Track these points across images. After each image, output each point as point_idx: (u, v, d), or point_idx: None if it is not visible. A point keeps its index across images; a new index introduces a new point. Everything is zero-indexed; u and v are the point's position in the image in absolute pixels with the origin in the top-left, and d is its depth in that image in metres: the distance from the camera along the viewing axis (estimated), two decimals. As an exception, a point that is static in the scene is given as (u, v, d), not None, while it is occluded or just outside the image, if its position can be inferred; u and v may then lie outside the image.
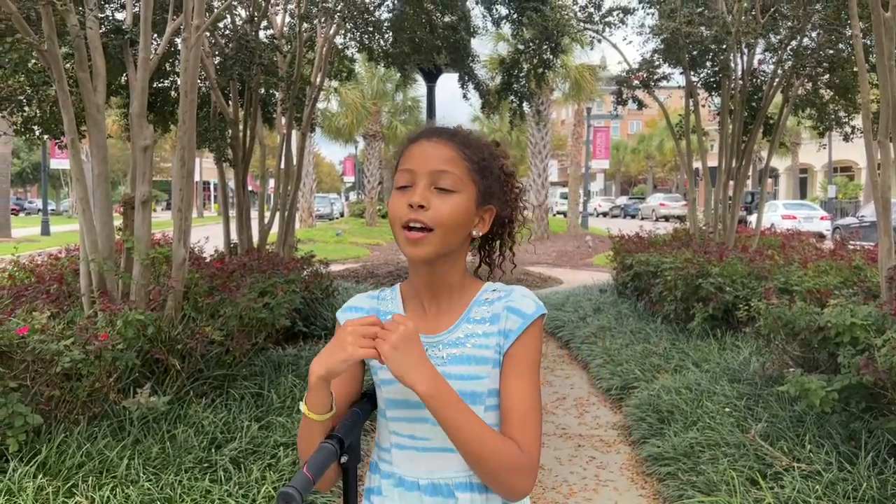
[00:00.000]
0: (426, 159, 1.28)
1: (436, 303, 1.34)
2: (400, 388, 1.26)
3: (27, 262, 5.86)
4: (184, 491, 3.04)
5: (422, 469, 1.32)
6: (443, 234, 1.26)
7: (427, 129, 1.35)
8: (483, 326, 1.31)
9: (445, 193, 1.27)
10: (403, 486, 1.33)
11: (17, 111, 5.31)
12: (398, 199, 1.28)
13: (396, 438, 1.34)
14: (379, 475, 1.37)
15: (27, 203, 50.93)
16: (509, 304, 1.31)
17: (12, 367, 3.22)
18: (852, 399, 3.48)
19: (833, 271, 5.63)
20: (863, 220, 19.68)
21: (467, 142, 1.32)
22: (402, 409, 1.32)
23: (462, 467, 1.29)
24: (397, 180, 1.30)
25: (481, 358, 1.29)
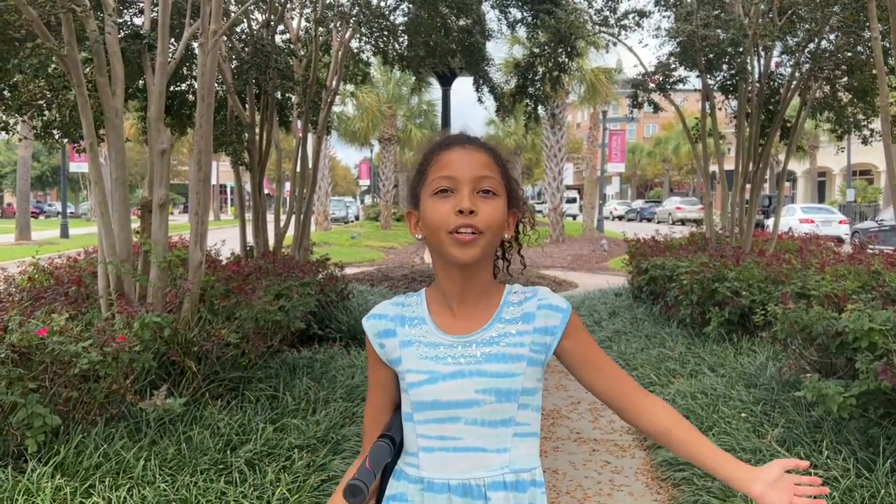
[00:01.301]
0: (468, 165, 1.31)
1: (465, 305, 1.37)
2: (429, 389, 1.33)
3: (46, 265, 5.93)
4: (199, 492, 3.06)
5: (453, 470, 1.33)
6: (490, 236, 1.30)
7: (457, 137, 1.38)
8: (516, 326, 1.35)
9: (489, 197, 1.31)
10: (432, 489, 1.33)
11: (37, 115, 5.39)
12: (441, 206, 1.30)
13: (424, 441, 1.35)
14: (405, 481, 1.37)
15: (47, 206, 51.54)
16: (541, 301, 1.36)
17: (31, 368, 3.26)
18: (870, 405, 3.44)
19: (851, 276, 5.57)
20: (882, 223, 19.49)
21: (495, 148, 1.38)
22: (430, 410, 1.33)
23: (495, 466, 1.32)
24: (434, 185, 1.32)
25: (516, 356, 1.33)
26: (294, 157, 8.14)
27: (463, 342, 1.34)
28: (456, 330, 1.36)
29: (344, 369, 5.09)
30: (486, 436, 1.32)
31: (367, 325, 1.42)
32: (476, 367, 1.32)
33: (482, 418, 1.31)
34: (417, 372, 1.35)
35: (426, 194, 1.33)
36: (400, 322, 1.40)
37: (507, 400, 1.31)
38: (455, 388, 1.31)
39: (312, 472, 3.38)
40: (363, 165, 53.01)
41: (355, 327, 6.64)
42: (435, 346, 1.35)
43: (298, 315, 4.97)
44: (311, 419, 4.04)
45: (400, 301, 1.45)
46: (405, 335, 1.38)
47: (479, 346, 1.33)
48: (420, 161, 1.39)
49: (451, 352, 1.34)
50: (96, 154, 4.54)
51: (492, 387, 1.31)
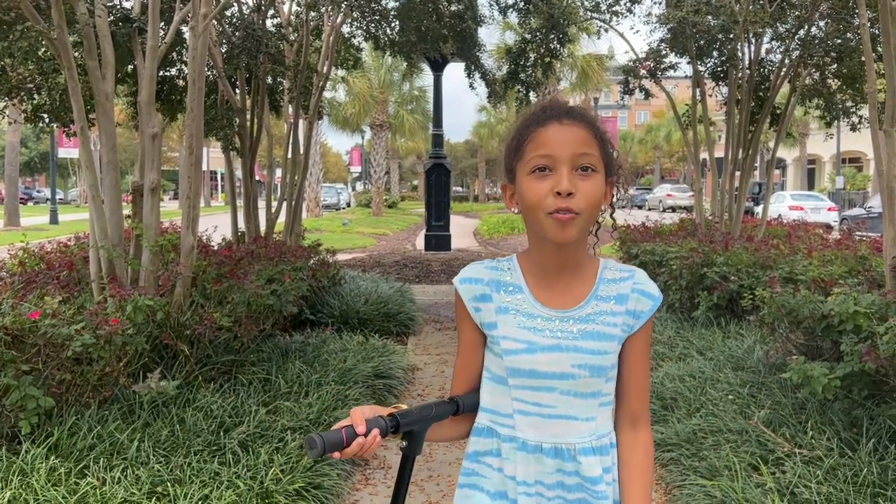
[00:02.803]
0: (566, 143, 1.30)
1: (563, 278, 1.39)
2: (527, 358, 1.37)
3: (37, 250, 5.91)
4: (193, 473, 3.09)
5: (547, 434, 1.39)
6: (588, 215, 1.31)
7: (554, 110, 1.35)
8: (610, 304, 1.38)
9: (588, 175, 1.30)
10: (526, 449, 1.39)
11: (26, 99, 5.36)
12: (539, 185, 1.30)
13: (520, 405, 1.39)
14: (497, 438, 1.42)
15: (35, 192, 51.17)
16: (637, 285, 1.40)
17: (24, 351, 3.28)
18: (855, 386, 3.50)
19: (838, 261, 5.64)
20: (871, 210, 19.62)
21: (592, 118, 1.36)
22: (527, 378, 1.38)
23: (586, 433, 1.39)
24: (532, 163, 1.31)
25: (609, 335, 1.37)
26: (285, 142, 8.13)
27: (561, 317, 1.38)
28: (553, 303, 1.39)
29: (336, 353, 5.12)
30: (577, 406, 1.37)
31: (462, 288, 1.43)
32: (573, 343, 1.36)
33: (575, 390, 1.37)
34: (515, 340, 1.38)
35: (523, 171, 1.33)
36: (495, 287, 1.42)
37: (598, 375, 1.37)
38: (552, 361, 1.36)
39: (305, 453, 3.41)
40: (354, 152, 52.88)
41: (347, 312, 6.67)
42: (533, 316, 1.38)
43: (291, 299, 4.99)
44: (304, 402, 4.08)
45: (493, 265, 1.45)
46: (501, 301, 1.41)
47: (576, 323, 1.37)
48: (515, 134, 1.38)
49: (549, 325, 1.38)
50: (87, 138, 4.53)
51: (587, 363, 1.36)
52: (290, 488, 3.07)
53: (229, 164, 7.75)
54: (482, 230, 22.63)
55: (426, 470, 3.71)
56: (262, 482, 3.08)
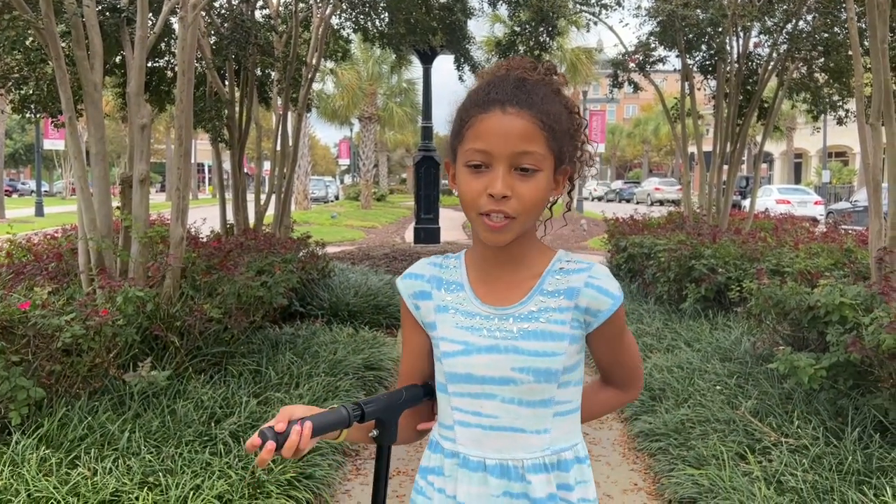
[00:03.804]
0: (504, 139, 1.15)
1: (505, 273, 1.26)
2: (462, 361, 1.24)
3: (24, 242, 5.88)
4: (184, 463, 3.10)
5: (489, 449, 1.24)
6: (525, 219, 1.18)
7: (498, 92, 1.18)
8: (557, 300, 1.23)
9: (528, 175, 1.16)
10: (468, 466, 1.25)
11: (14, 89, 5.31)
12: (473, 183, 1.17)
13: (459, 415, 1.27)
14: (441, 454, 1.30)
15: (20, 184, 50.68)
16: (593, 280, 1.22)
17: (14, 341, 3.27)
18: (840, 376, 3.55)
19: (824, 253, 5.70)
20: (856, 204, 19.78)
21: (542, 102, 1.18)
22: (464, 383, 1.25)
23: (536, 448, 1.24)
24: (467, 156, 1.18)
25: (557, 334, 1.22)
26: (274, 135, 8.10)
27: (500, 315, 1.24)
28: (493, 300, 1.26)
29: (326, 345, 5.13)
30: (524, 416, 1.23)
31: (402, 284, 1.33)
32: (512, 344, 1.22)
33: (520, 398, 1.23)
34: (452, 341, 1.26)
35: (461, 159, 1.20)
36: (436, 284, 1.31)
37: (547, 380, 1.21)
38: (490, 364, 1.22)
39: (296, 443, 3.42)
40: (343, 145, 52.72)
41: (337, 304, 6.67)
42: (471, 315, 1.26)
43: (281, 291, 4.99)
44: (294, 393, 4.08)
45: (438, 262, 1.34)
46: (441, 299, 1.29)
47: (516, 321, 1.23)
48: (460, 112, 1.23)
49: (488, 324, 1.24)
50: (75, 129, 4.50)
51: (529, 366, 1.21)
52: (282, 478, 3.08)
53: (218, 156, 7.73)
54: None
55: (416, 460, 3.73)
56: (254, 472, 3.09)
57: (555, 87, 1.23)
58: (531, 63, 1.25)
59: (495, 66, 1.28)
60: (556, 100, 1.21)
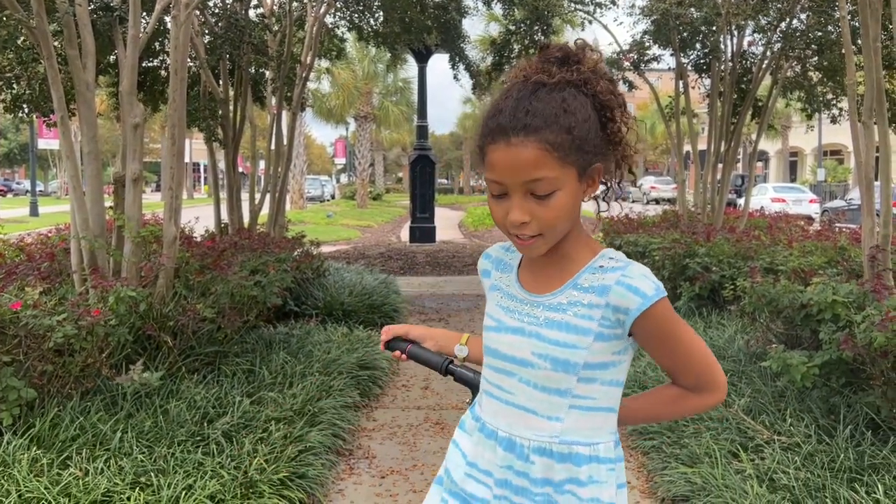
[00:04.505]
0: (513, 170, 1.18)
1: (550, 264, 1.31)
2: (493, 336, 1.35)
3: (17, 242, 5.86)
4: (177, 463, 3.09)
5: (502, 421, 1.33)
6: (552, 234, 1.23)
7: (503, 126, 1.18)
8: (588, 296, 1.25)
9: (543, 200, 1.19)
10: (484, 431, 1.36)
11: (5, 89, 5.29)
12: (497, 209, 1.23)
13: (486, 385, 1.38)
14: (471, 415, 1.43)
15: (15, 184, 50.54)
16: (624, 279, 1.22)
17: (5, 342, 3.25)
18: (833, 374, 3.56)
19: (818, 251, 5.71)
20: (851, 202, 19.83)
21: (548, 122, 1.17)
22: (493, 358, 1.35)
23: (543, 431, 1.29)
24: (489, 184, 1.23)
25: (581, 328, 1.24)
26: (268, 134, 8.09)
27: (532, 301, 1.31)
28: (533, 287, 1.33)
29: (320, 344, 5.12)
30: (537, 399, 1.28)
31: (479, 262, 1.49)
32: (536, 330, 1.28)
33: (535, 381, 1.28)
34: (490, 317, 1.38)
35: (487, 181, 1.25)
36: (497, 266, 1.44)
37: (563, 370, 1.25)
38: (513, 344, 1.30)
39: (289, 443, 3.42)
40: (339, 144, 52.66)
41: (331, 304, 6.66)
42: (511, 297, 1.36)
43: (275, 290, 4.98)
44: (288, 392, 4.08)
45: (508, 246, 1.43)
46: (496, 279, 1.42)
47: (544, 310, 1.29)
48: (479, 131, 1.25)
49: (521, 307, 1.32)
50: (68, 128, 4.49)
51: (548, 353, 1.26)
52: (275, 478, 3.08)
53: (212, 155, 7.70)
54: (467, 222, 22.66)
55: (411, 459, 3.73)
56: (247, 472, 3.08)
57: (576, 83, 1.21)
58: (559, 52, 1.23)
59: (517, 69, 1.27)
60: (576, 101, 1.19)
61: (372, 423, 4.26)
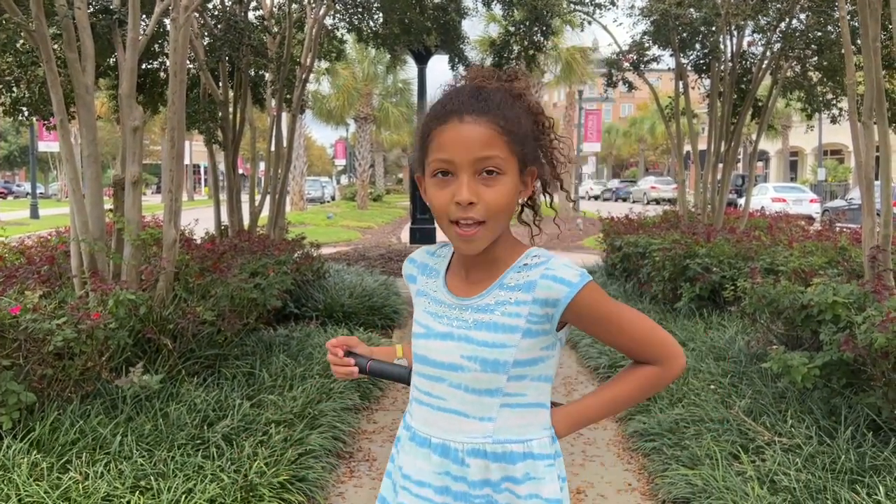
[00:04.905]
0: (465, 147, 1.19)
1: (476, 269, 1.32)
2: (423, 343, 1.34)
3: (17, 245, 5.86)
4: (177, 467, 3.09)
5: (435, 428, 1.33)
6: (495, 224, 1.23)
7: (455, 105, 1.23)
8: (515, 294, 1.26)
9: (492, 179, 1.21)
10: (416, 440, 1.35)
11: (5, 92, 5.30)
12: (441, 192, 1.22)
13: (416, 393, 1.37)
14: (403, 426, 1.42)
15: (15, 186, 50.55)
16: (548, 272, 1.25)
17: (5, 345, 3.25)
18: (833, 375, 3.55)
19: (818, 252, 5.70)
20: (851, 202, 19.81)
21: (499, 108, 1.22)
22: (422, 364, 1.35)
23: (476, 433, 1.29)
24: (433, 166, 1.23)
25: (510, 326, 1.26)
26: (268, 136, 8.09)
27: (460, 305, 1.31)
28: (460, 291, 1.33)
29: (320, 347, 5.11)
30: (469, 401, 1.29)
31: (404, 266, 1.48)
32: (465, 333, 1.28)
33: (466, 384, 1.29)
34: (418, 324, 1.37)
35: (428, 171, 1.25)
36: (422, 270, 1.43)
37: (493, 370, 1.27)
38: (442, 350, 1.30)
39: (290, 446, 3.41)
40: (339, 145, 52.68)
41: (331, 306, 6.66)
42: (438, 302, 1.35)
43: (274, 293, 4.98)
44: (288, 395, 4.07)
45: (433, 250, 1.44)
46: (422, 285, 1.41)
47: (472, 312, 1.29)
48: (422, 127, 1.28)
49: (449, 312, 1.32)
50: (67, 131, 4.48)
51: (477, 355, 1.26)
52: (275, 481, 3.08)
53: (212, 157, 7.70)
54: (467, 223, 22.60)
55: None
56: (247, 475, 3.08)
57: (515, 92, 1.27)
58: (490, 71, 1.30)
59: (453, 80, 1.33)
60: (516, 104, 1.26)
61: (372, 425, 4.26)
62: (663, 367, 1.32)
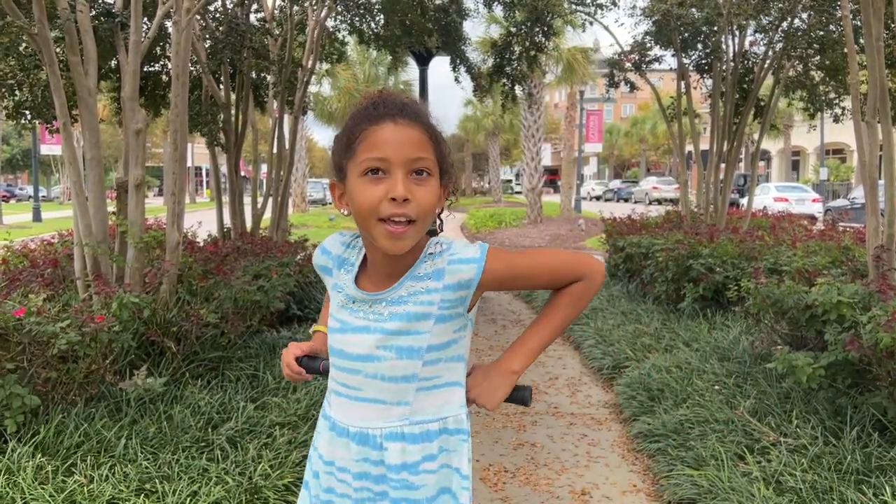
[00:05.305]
0: (400, 146, 1.23)
1: (387, 266, 1.35)
2: (339, 338, 1.36)
3: (20, 248, 5.86)
4: (181, 469, 3.08)
5: (353, 417, 1.36)
6: (423, 223, 1.27)
7: (387, 108, 1.27)
8: (425, 283, 1.31)
9: (423, 180, 1.25)
10: (335, 430, 1.39)
11: (8, 96, 5.30)
12: (372, 190, 1.23)
13: (334, 385, 1.41)
14: (322, 415, 1.46)
15: (18, 190, 50.63)
16: (452, 257, 1.31)
17: (9, 349, 3.25)
18: (838, 375, 3.54)
19: (822, 251, 5.69)
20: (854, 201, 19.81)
21: (428, 119, 1.30)
22: (338, 358, 1.38)
23: (395, 418, 1.34)
24: (364, 165, 1.24)
25: (423, 314, 1.30)
26: (270, 138, 8.09)
27: (374, 299, 1.34)
28: (372, 286, 1.36)
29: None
30: (385, 389, 1.33)
31: (315, 255, 1.47)
32: (381, 325, 1.32)
33: (382, 373, 1.32)
34: (334, 319, 1.40)
35: (354, 172, 1.26)
36: (338, 264, 1.43)
37: (409, 357, 1.31)
38: (358, 343, 1.34)
39: (294, 448, 3.41)
40: (340, 147, 52.55)
41: (334, 307, 6.66)
42: (353, 299, 1.37)
43: (278, 295, 4.98)
44: (292, 397, 4.07)
45: (348, 241, 1.45)
46: (337, 278, 1.42)
47: (387, 305, 1.33)
48: (347, 129, 1.30)
49: (364, 307, 1.35)
50: (70, 134, 4.49)
51: (392, 344, 1.31)
52: (279, 483, 3.07)
53: (214, 159, 7.70)
54: (469, 224, 22.65)
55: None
56: (251, 478, 3.08)
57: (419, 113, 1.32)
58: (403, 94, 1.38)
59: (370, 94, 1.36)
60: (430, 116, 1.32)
61: (376, 427, 4.25)
62: (586, 280, 1.39)
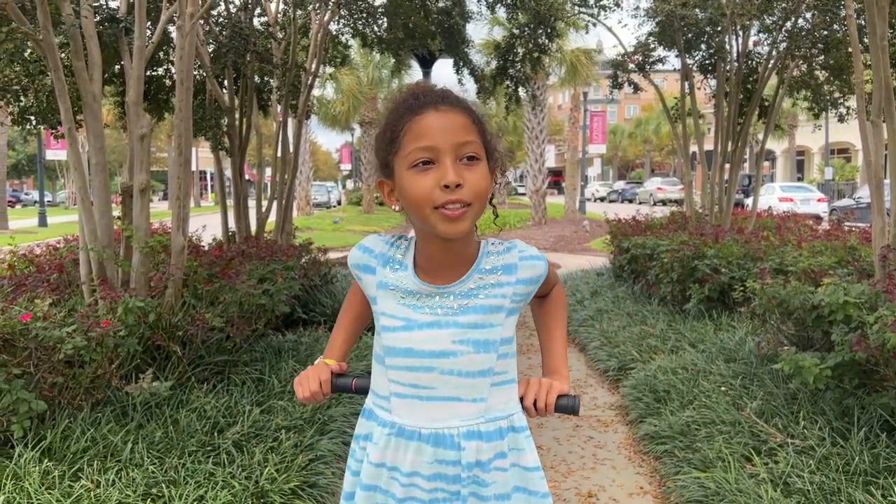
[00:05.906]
0: (446, 132, 1.22)
1: (446, 257, 1.33)
2: (403, 336, 1.32)
3: (26, 253, 5.87)
4: (188, 474, 3.09)
5: (423, 418, 1.32)
6: (479, 206, 1.25)
7: (429, 97, 1.26)
8: (496, 276, 1.33)
9: (473, 164, 1.24)
10: (402, 435, 1.34)
11: (13, 101, 5.32)
12: (423, 180, 1.22)
13: (396, 387, 1.34)
14: (374, 422, 1.39)
15: (23, 195, 50.79)
16: (523, 253, 1.36)
17: (16, 354, 3.26)
18: (845, 376, 3.53)
19: (828, 251, 5.67)
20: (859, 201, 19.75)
21: (471, 104, 1.30)
22: (403, 357, 1.32)
23: (470, 416, 1.31)
24: (412, 157, 1.23)
25: (496, 307, 1.32)
26: (274, 141, 8.10)
27: (441, 292, 1.32)
28: (435, 279, 1.33)
29: (329, 352, 5.11)
30: (462, 386, 1.31)
31: (353, 254, 1.43)
32: (453, 319, 1.30)
33: (459, 369, 1.30)
34: (392, 317, 1.34)
35: (402, 165, 1.25)
36: (383, 262, 1.39)
37: (485, 351, 1.30)
38: (430, 338, 1.30)
39: (300, 452, 3.41)
40: (344, 150, 52.78)
41: (339, 310, 6.65)
42: (413, 293, 1.34)
43: (283, 299, 4.98)
44: (297, 401, 4.07)
45: (391, 241, 1.42)
46: (384, 276, 1.37)
47: (456, 298, 1.31)
48: (389, 125, 1.28)
49: (429, 301, 1.32)
50: (75, 139, 4.50)
51: (468, 338, 1.29)
52: (286, 487, 3.07)
53: (219, 163, 7.72)
54: (473, 226, 22.60)
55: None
56: (258, 482, 3.08)
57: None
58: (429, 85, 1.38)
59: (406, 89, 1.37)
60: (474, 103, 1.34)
61: (382, 430, 4.25)
62: (559, 284, 1.53)
